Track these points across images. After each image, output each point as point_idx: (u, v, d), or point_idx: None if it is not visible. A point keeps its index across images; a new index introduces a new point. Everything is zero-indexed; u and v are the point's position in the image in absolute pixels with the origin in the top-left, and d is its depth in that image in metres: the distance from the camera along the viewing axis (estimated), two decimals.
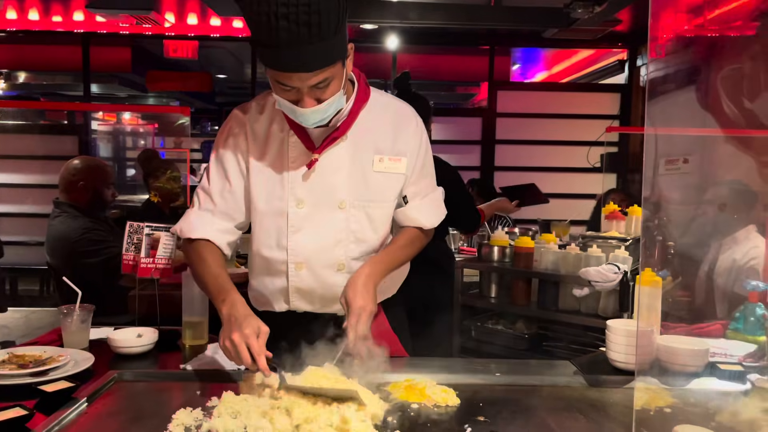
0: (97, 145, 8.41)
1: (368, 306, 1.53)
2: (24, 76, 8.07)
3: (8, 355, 1.65)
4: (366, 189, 1.63)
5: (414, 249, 1.75)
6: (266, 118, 1.65)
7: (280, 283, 1.68)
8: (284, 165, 1.62)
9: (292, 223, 1.62)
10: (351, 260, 1.66)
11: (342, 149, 1.61)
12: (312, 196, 1.61)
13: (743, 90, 1.50)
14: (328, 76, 1.42)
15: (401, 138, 1.66)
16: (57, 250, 3.00)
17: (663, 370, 1.53)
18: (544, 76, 8.04)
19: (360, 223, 1.65)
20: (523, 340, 2.82)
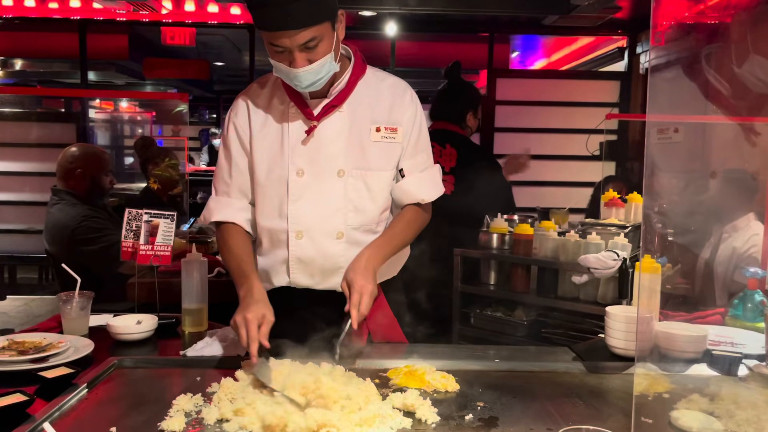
0: (95, 133, 8.38)
1: (369, 285, 1.57)
2: (21, 64, 8.01)
3: (8, 341, 1.65)
4: (364, 158, 1.69)
5: (413, 230, 1.80)
6: (267, 92, 1.74)
7: (281, 254, 1.72)
8: (284, 135, 1.68)
9: (292, 192, 1.67)
10: (350, 229, 1.70)
11: (339, 119, 1.68)
12: (311, 165, 1.67)
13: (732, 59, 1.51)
14: (316, 34, 1.50)
15: (396, 109, 1.72)
16: (56, 238, 2.99)
17: (662, 356, 1.54)
18: (543, 63, 8.00)
19: (358, 192, 1.70)
20: (522, 327, 2.83)
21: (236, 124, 1.74)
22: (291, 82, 1.60)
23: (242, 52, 8.18)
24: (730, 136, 1.95)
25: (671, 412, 1.28)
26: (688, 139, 1.74)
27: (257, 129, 1.71)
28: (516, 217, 3.56)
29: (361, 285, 1.57)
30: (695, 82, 1.59)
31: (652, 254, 1.49)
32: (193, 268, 1.89)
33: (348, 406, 1.25)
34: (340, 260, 1.70)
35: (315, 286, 1.75)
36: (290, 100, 1.69)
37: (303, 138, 1.67)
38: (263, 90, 1.75)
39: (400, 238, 1.75)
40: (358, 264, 1.63)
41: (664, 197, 1.37)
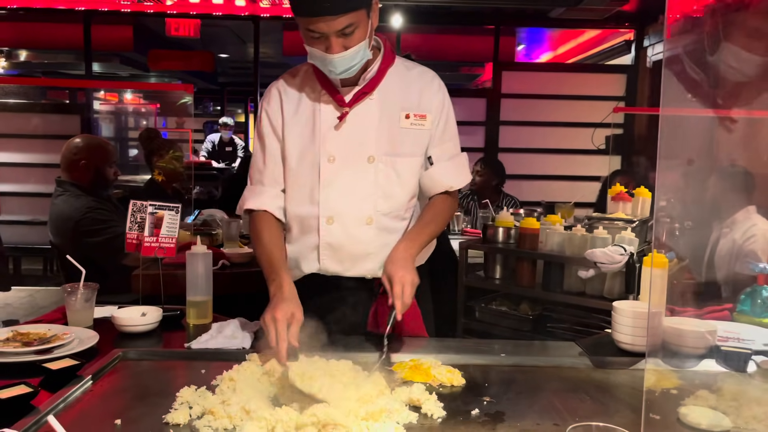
0: (99, 125, 8.38)
1: (409, 275, 1.60)
2: (25, 55, 8.02)
3: (12, 332, 1.64)
4: (393, 144, 1.72)
5: (444, 218, 1.82)
6: (299, 81, 1.77)
7: (311, 240, 1.75)
8: (316, 122, 1.72)
9: (323, 177, 1.70)
10: (380, 215, 1.73)
11: (370, 106, 1.72)
12: (342, 151, 1.70)
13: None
14: (352, 21, 1.53)
15: (425, 96, 1.76)
16: (60, 230, 2.99)
17: (670, 352, 1.53)
18: (549, 56, 7.96)
19: (388, 178, 1.73)
20: (528, 322, 2.81)
21: (269, 112, 1.77)
22: (325, 68, 1.63)
23: (247, 44, 8.17)
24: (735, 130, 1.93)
25: (679, 408, 1.27)
26: (699, 132, 1.72)
27: (289, 116, 1.74)
28: (522, 211, 3.54)
29: (401, 276, 1.59)
30: (702, 75, 1.58)
31: (660, 249, 1.48)
32: (197, 260, 1.88)
33: (358, 400, 1.24)
34: (369, 246, 1.73)
35: (344, 272, 1.76)
36: (322, 87, 1.72)
37: (335, 124, 1.70)
38: (295, 79, 1.78)
39: (432, 227, 1.77)
40: (395, 255, 1.65)
41: (676, 192, 1.36)
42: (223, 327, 1.77)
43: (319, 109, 1.72)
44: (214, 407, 1.22)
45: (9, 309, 4.98)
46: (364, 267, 1.75)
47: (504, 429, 1.22)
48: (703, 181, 1.97)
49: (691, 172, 1.73)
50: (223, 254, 2.83)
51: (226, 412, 1.20)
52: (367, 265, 1.74)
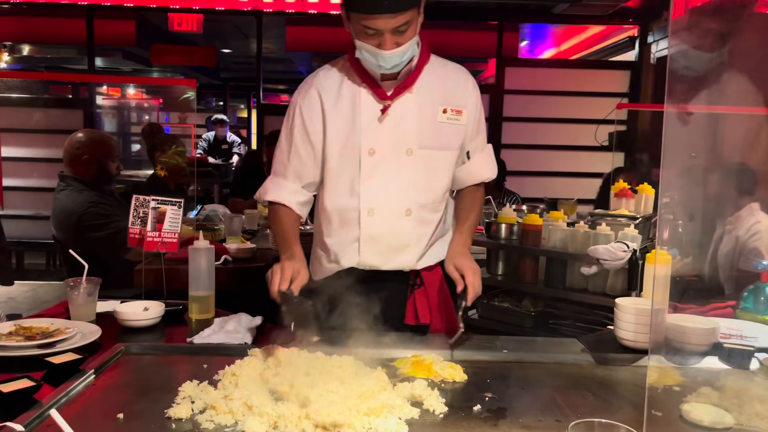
0: (102, 120, 8.40)
1: (475, 265, 1.71)
2: (28, 49, 8.01)
3: (15, 326, 1.65)
4: (431, 138, 1.77)
5: (480, 209, 1.93)
6: (337, 75, 1.79)
7: (352, 232, 1.78)
8: (357, 115, 1.75)
9: (364, 170, 1.74)
10: (418, 207, 1.78)
11: (410, 100, 1.75)
12: (383, 144, 1.74)
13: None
14: (408, 19, 1.60)
15: (461, 92, 1.81)
16: (63, 224, 2.99)
17: (672, 349, 1.52)
18: (552, 52, 7.93)
19: (426, 171, 1.77)
20: (530, 318, 2.81)
21: (303, 109, 1.79)
22: (374, 63, 1.67)
23: (249, 39, 8.15)
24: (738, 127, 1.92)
25: (682, 405, 1.27)
26: (704, 129, 1.71)
27: (330, 110, 1.76)
28: (525, 207, 3.53)
29: (470, 265, 1.69)
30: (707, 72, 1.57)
31: (664, 246, 1.48)
32: (200, 255, 1.88)
33: (359, 396, 1.25)
34: (408, 237, 1.78)
35: (382, 265, 1.80)
36: (362, 81, 1.75)
37: (377, 117, 1.74)
38: (332, 73, 1.80)
39: (474, 218, 1.88)
40: (457, 248, 1.77)
41: (679, 189, 1.35)
42: (226, 322, 1.78)
43: (359, 102, 1.75)
44: (216, 402, 1.22)
45: (12, 303, 5.00)
46: (402, 259, 1.80)
47: (506, 425, 1.22)
48: (706, 178, 1.96)
49: (694, 169, 1.72)
50: (225, 249, 2.83)
51: (228, 407, 1.21)
52: (405, 257, 1.80)
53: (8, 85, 5.90)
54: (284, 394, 1.27)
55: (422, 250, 1.81)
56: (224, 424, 1.18)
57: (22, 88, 6.34)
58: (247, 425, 1.14)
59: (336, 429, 1.15)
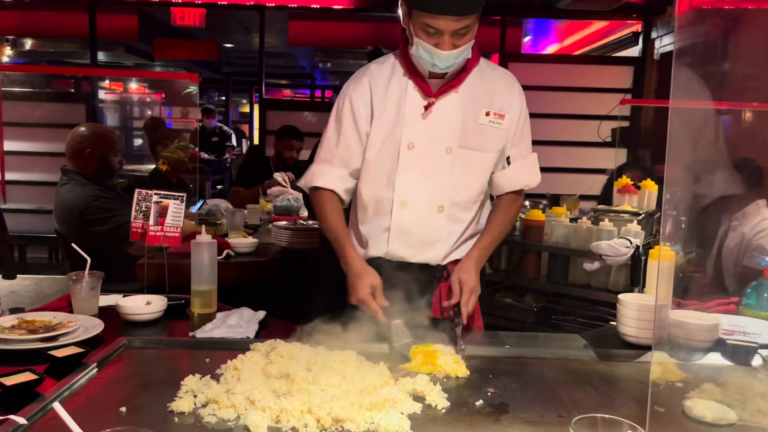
0: (104, 114, 8.39)
1: (478, 287, 1.76)
2: (30, 43, 8.00)
3: (18, 320, 1.65)
4: (470, 139, 1.80)
5: (511, 220, 1.94)
6: (387, 70, 1.83)
7: (384, 222, 1.82)
8: (401, 108, 1.79)
9: (401, 163, 1.78)
10: (450, 205, 1.81)
11: (454, 99, 1.79)
12: (423, 139, 1.77)
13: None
14: (470, 23, 1.63)
15: (506, 98, 1.84)
16: (65, 218, 2.99)
17: (675, 345, 1.52)
18: (555, 48, 7.91)
19: (463, 170, 1.80)
20: (532, 314, 2.81)
21: (353, 98, 1.82)
22: (428, 61, 1.69)
23: (252, 33, 8.14)
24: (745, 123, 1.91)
25: (684, 401, 1.27)
26: (708, 125, 1.71)
27: (378, 102, 1.80)
28: (527, 203, 3.53)
29: (472, 286, 1.73)
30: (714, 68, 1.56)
31: (668, 242, 1.47)
32: (202, 249, 1.88)
33: (361, 390, 1.25)
34: (438, 233, 1.82)
35: (410, 258, 1.83)
36: (409, 77, 1.79)
37: (420, 113, 1.77)
38: (383, 67, 1.84)
39: (499, 234, 1.88)
40: (468, 264, 1.78)
41: (684, 184, 1.35)
42: (228, 316, 1.78)
43: (405, 97, 1.79)
44: (219, 396, 1.22)
45: (14, 297, 5.00)
46: (430, 254, 1.84)
47: (508, 420, 1.22)
48: (712, 174, 1.95)
49: (700, 164, 1.72)
50: (227, 244, 2.84)
51: (230, 401, 1.21)
52: (433, 252, 1.83)
53: (11, 79, 5.89)
54: (286, 388, 1.27)
55: (451, 248, 1.85)
56: (226, 419, 1.18)
57: (24, 82, 6.33)
58: (249, 419, 1.14)
59: (338, 423, 1.15)
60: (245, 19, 7.48)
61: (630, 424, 0.95)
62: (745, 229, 2.71)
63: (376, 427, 1.14)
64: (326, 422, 1.14)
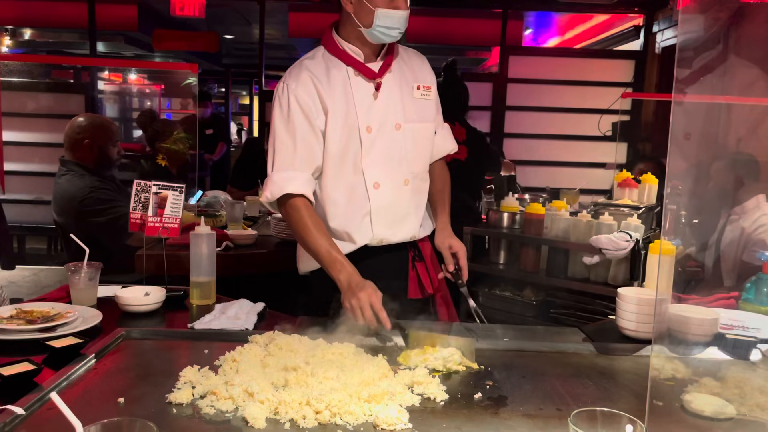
0: (104, 105, 8.35)
1: (464, 247, 1.92)
2: (30, 33, 7.96)
3: (16, 310, 1.65)
4: (413, 112, 1.89)
5: (448, 181, 2.07)
6: (321, 62, 1.85)
7: (362, 207, 1.85)
8: (349, 95, 1.82)
9: (365, 147, 1.82)
10: (413, 176, 1.90)
11: (392, 78, 1.88)
12: (376, 120, 1.83)
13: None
14: None
15: (424, 72, 1.96)
16: (64, 209, 2.98)
17: (674, 339, 1.52)
18: (557, 41, 7.88)
19: (414, 142, 1.89)
20: (531, 307, 2.81)
21: (298, 96, 1.79)
22: (389, 26, 1.76)
23: (252, 25, 8.10)
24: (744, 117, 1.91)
25: (683, 395, 1.27)
26: (709, 120, 1.70)
27: (325, 94, 1.80)
28: (527, 196, 3.53)
29: (462, 247, 1.89)
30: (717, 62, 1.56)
31: (668, 236, 1.47)
32: (201, 240, 1.87)
33: (360, 383, 1.25)
34: (408, 206, 1.90)
35: (392, 237, 1.89)
36: (347, 65, 1.84)
37: (370, 95, 1.84)
38: (316, 62, 1.86)
39: (449, 199, 2.04)
40: (446, 230, 1.95)
41: (685, 179, 1.34)
42: (227, 308, 1.78)
43: (349, 83, 1.83)
44: (217, 388, 1.22)
45: (13, 287, 5.00)
46: (406, 228, 1.91)
47: (506, 413, 1.22)
48: (712, 169, 1.95)
49: (700, 159, 1.71)
50: (227, 236, 2.83)
51: (228, 393, 1.20)
52: (408, 226, 1.91)
53: (10, 69, 5.86)
54: (285, 380, 1.27)
55: (420, 219, 1.94)
56: (225, 410, 1.17)
57: (23, 73, 6.30)
58: (247, 411, 1.14)
59: (337, 416, 1.15)
60: (245, 10, 7.44)
61: (629, 417, 0.95)
62: (744, 223, 2.71)
63: (374, 419, 1.14)
64: (325, 414, 1.14)
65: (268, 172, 1.81)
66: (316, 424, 1.13)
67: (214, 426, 1.14)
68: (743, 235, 2.68)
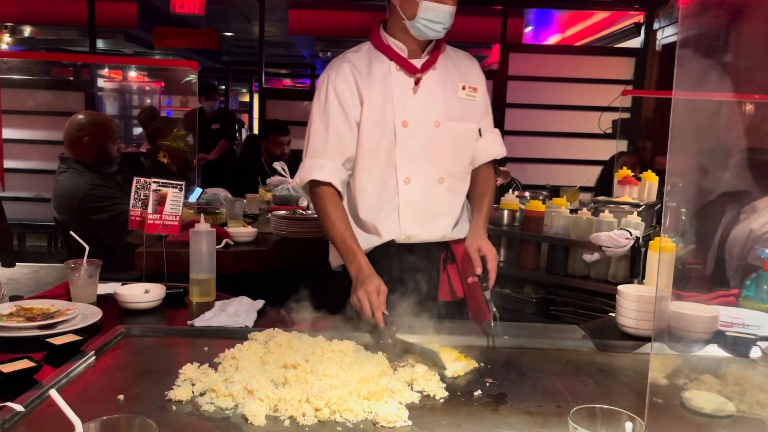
0: (104, 102, 8.35)
1: (495, 251, 1.83)
2: (29, 30, 7.96)
3: (16, 307, 1.64)
4: (455, 111, 1.88)
5: (492, 191, 2.01)
6: (365, 57, 1.88)
7: (391, 202, 1.85)
8: (388, 89, 1.83)
9: (399, 140, 1.82)
10: (449, 175, 1.88)
11: (435, 75, 1.87)
12: (414, 116, 1.83)
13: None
14: None
15: (473, 73, 1.95)
16: (64, 206, 2.98)
17: (674, 336, 1.52)
18: (557, 39, 7.88)
19: (453, 141, 1.87)
20: (531, 305, 2.81)
21: (337, 87, 1.83)
22: (434, 21, 1.77)
23: (252, 22, 8.09)
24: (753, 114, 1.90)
25: (683, 392, 1.27)
26: (712, 117, 1.70)
27: (364, 87, 1.82)
28: (527, 194, 3.52)
29: (492, 251, 1.80)
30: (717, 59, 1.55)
31: (669, 234, 1.47)
32: (201, 238, 1.87)
33: (359, 380, 1.25)
34: (442, 205, 1.88)
35: (419, 234, 1.87)
36: (390, 60, 1.85)
37: (409, 90, 1.84)
38: (360, 55, 1.88)
39: (489, 203, 1.97)
40: (479, 232, 1.85)
41: (685, 176, 1.34)
42: (226, 305, 1.78)
43: (390, 77, 1.84)
44: (217, 385, 1.22)
45: (13, 285, 5.01)
46: (437, 227, 1.89)
47: (506, 410, 1.22)
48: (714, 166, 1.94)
49: (701, 156, 1.71)
50: (226, 233, 2.83)
51: (228, 390, 1.20)
52: (440, 225, 1.89)
53: (9, 66, 5.85)
54: (284, 377, 1.27)
55: (455, 219, 1.91)
56: (224, 407, 1.17)
57: (23, 70, 6.30)
58: (247, 408, 1.14)
59: (336, 413, 1.15)
60: (245, 7, 7.43)
61: (628, 414, 0.95)
62: (753, 225, 2.68)
63: (374, 416, 1.14)
64: (324, 412, 1.14)
65: (303, 157, 1.88)
66: (316, 422, 1.13)
67: (213, 423, 1.14)
68: (750, 237, 2.66)
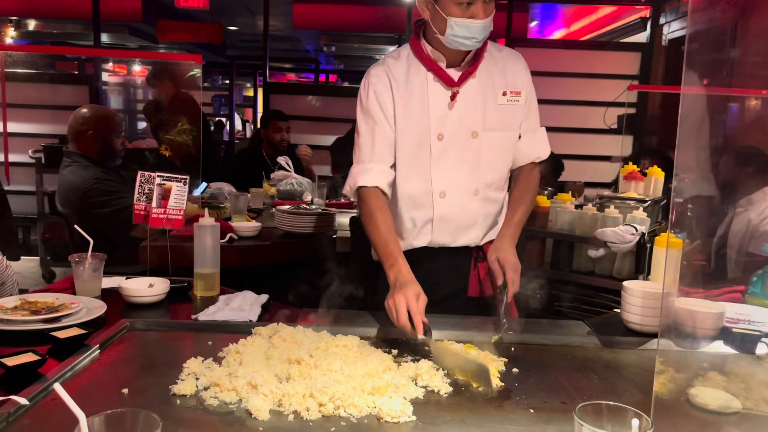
0: (108, 96, 8.34)
1: (519, 264, 1.75)
2: (34, 24, 7.96)
3: (21, 301, 1.65)
4: (494, 120, 1.83)
5: (532, 195, 1.93)
6: (403, 64, 1.83)
7: (425, 213, 1.84)
8: (425, 102, 1.79)
9: (434, 155, 1.80)
10: (485, 186, 1.85)
11: (474, 85, 1.81)
12: (450, 129, 1.80)
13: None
14: None
15: (517, 75, 1.87)
16: (68, 200, 2.99)
17: (680, 333, 1.51)
18: (562, 33, 7.84)
19: (490, 152, 1.83)
20: (535, 300, 2.80)
21: (377, 91, 1.81)
22: (465, 36, 1.69)
23: (256, 16, 8.08)
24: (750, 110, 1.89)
25: (689, 389, 1.26)
26: (715, 113, 1.69)
27: (399, 96, 1.80)
28: None
29: (514, 263, 1.72)
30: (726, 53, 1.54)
31: (675, 229, 1.46)
32: (205, 232, 1.87)
33: (364, 375, 1.24)
34: (476, 216, 1.85)
35: (451, 243, 1.87)
36: (428, 70, 1.79)
37: (446, 103, 1.79)
38: (399, 61, 1.84)
39: (525, 209, 1.88)
40: (503, 242, 1.78)
41: (693, 171, 1.33)
42: (231, 299, 1.78)
43: (427, 89, 1.79)
44: (221, 379, 1.22)
45: (17, 278, 5.01)
46: (470, 236, 1.87)
47: (511, 406, 1.22)
48: (719, 161, 1.94)
49: (708, 152, 1.70)
50: (230, 227, 2.83)
51: (232, 385, 1.20)
52: (472, 234, 1.87)
53: (14, 60, 5.85)
54: (288, 372, 1.27)
55: (488, 228, 1.89)
56: (228, 402, 1.17)
57: (27, 63, 6.30)
58: (251, 403, 1.14)
59: (340, 408, 1.14)
60: (249, 1, 7.43)
61: (634, 411, 0.94)
62: (751, 215, 2.70)
63: (378, 411, 1.14)
64: (328, 407, 1.14)
65: (353, 164, 1.87)
66: (320, 416, 1.13)
67: (217, 417, 1.14)
68: (750, 226, 2.67)
